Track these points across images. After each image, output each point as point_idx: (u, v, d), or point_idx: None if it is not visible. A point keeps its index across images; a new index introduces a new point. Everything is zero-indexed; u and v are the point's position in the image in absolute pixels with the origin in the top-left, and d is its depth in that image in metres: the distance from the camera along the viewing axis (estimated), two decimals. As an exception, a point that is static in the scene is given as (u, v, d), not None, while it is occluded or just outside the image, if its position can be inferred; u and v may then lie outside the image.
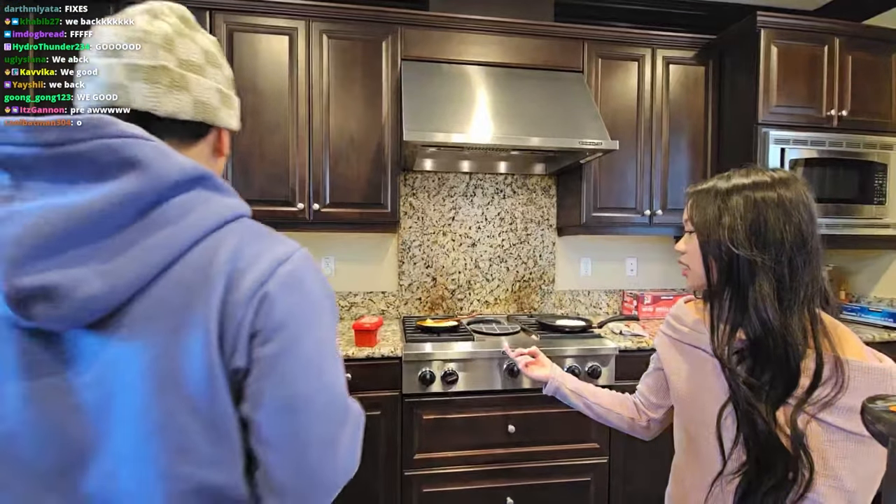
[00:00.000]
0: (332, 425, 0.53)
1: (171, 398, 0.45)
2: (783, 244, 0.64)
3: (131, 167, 0.45)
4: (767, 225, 0.64)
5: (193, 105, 0.55)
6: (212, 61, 0.58)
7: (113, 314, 0.45)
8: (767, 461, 0.62)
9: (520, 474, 1.70)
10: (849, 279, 2.46)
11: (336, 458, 0.54)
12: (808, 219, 0.65)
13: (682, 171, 2.18)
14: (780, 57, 2.00)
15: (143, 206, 0.45)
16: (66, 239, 0.42)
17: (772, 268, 0.63)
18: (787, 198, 0.64)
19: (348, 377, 1.64)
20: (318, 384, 0.52)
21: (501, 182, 2.37)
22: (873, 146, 2.10)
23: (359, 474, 1.77)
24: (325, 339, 0.55)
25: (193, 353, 0.45)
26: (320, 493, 0.54)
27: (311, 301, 0.54)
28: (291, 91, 1.86)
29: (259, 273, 0.49)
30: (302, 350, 0.51)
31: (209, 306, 0.46)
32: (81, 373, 0.45)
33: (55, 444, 0.45)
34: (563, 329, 1.88)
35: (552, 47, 2.05)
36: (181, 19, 0.56)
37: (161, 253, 0.45)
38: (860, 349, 0.63)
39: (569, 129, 1.84)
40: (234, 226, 0.52)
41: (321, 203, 1.89)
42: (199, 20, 1.95)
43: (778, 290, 0.63)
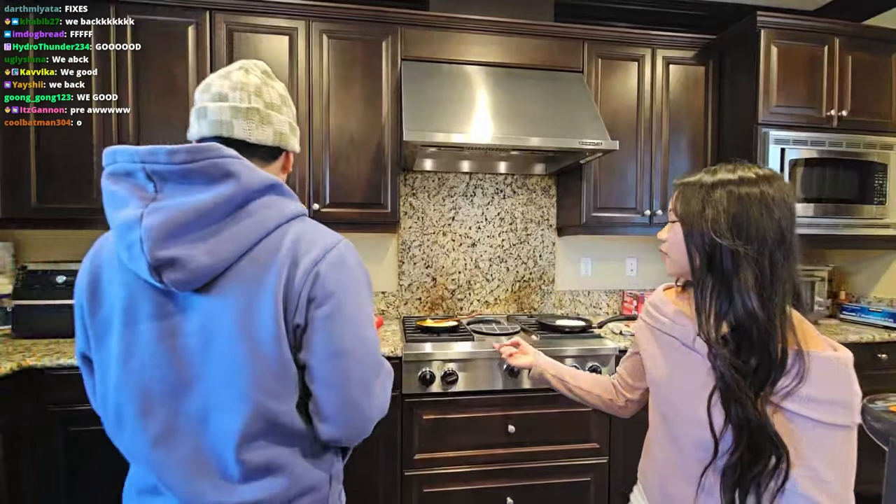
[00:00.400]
0: (367, 371, 0.71)
1: (249, 343, 0.64)
2: (765, 239, 0.65)
3: (229, 177, 0.63)
4: (750, 219, 0.66)
5: (274, 135, 0.76)
6: (285, 102, 0.80)
7: (212, 281, 0.64)
8: (758, 446, 0.63)
9: (520, 474, 1.70)
10: (849, 279, 2.46)
11: (371, 397, 0.72)
12: (789, 217, 0.67)
13: (682, 171, 2.18)
14: (780, 57, 2.01)
15: (236, 204, 0.64)
16: (187, 226, 0.61)
17: (755, 259, 0.65)
18: (770, 195, 0.66)
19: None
20: (357, 339, 0.69)
21: (501, 182, 2.37)
22: (873, 146, 2.10)
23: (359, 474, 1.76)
24: (363, 305, 0.72)
25: (264, 312, 0.64)
26: (357, 422, 0.71)
27: (352, 277, 0.71)
28: (291, 91, 1.85)
29: (314, 256, 0.67)
30: (345, 313, 0.68)
31: (278, 278, 0.64)
32: (190, 320, 0.65)
33: (170, 371, 0.65)
34: (563, 329, 1.88)
35: (552, 47, 2.05)
36: (264, 73, 0.77)
37: (246, 238, 0.64)
38: (820, 342, 0.65)
39: (569, 129, 1.84)
40: (295, 222, 0.70)
41: (321, 203, 1.89)
42: (199, 20, 1.95)
43: (760, 281, 0.65)
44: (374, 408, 0.73)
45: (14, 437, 1.42)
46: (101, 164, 1.89)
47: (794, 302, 0.69)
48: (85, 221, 1.78)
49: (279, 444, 0.68)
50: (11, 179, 1.70)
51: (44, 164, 1.72)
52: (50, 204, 1.73)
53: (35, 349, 1.57)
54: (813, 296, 2.21)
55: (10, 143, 1.70)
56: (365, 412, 0.72)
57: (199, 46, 1.79)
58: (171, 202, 0.61)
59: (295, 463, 0.70)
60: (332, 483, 0.78)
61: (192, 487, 0.66)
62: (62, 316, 1.72)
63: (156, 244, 0.60)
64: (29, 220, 1.75)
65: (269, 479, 0.68)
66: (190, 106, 0.75)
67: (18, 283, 1.73)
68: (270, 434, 0.67)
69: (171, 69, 1.78)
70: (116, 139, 1.76)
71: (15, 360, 1.43)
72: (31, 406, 1.46)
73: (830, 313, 2.36)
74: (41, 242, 2.03)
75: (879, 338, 1.99)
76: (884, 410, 1.37)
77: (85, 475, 1.50)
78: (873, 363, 1.99)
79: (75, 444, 1.49)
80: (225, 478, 0.67)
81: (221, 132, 0.71)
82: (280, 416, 0.67)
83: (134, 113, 1.76)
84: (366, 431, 0.74)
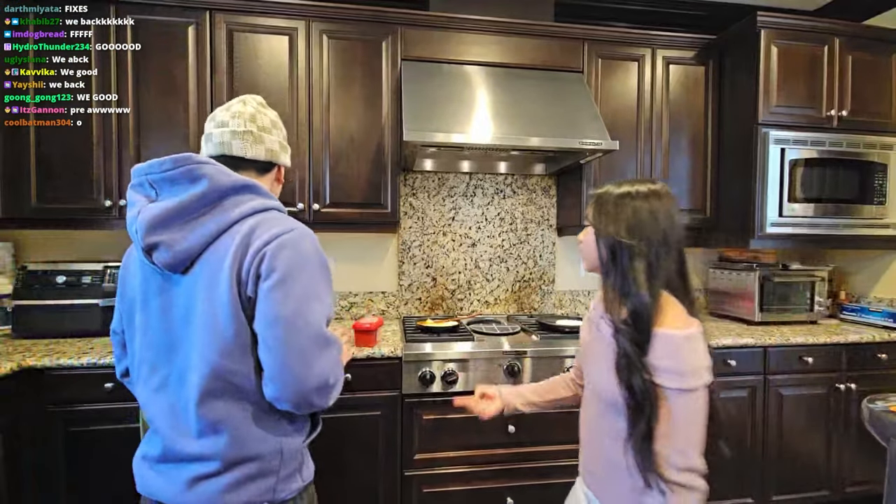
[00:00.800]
0: (306, 341, 0.78)
1: (211, 312, 0.78)
2: (651, 239, 0.84)
3: (201, 179, 0.79)
4: (642, 224, 0.85)
5: (265, 152, 0.94)
6: (276, 126, 0.98)
7: (191, 264, 0.80)
8: (640, 406, 0.80)
9: (520, 474, 1.70)
10: (849, 279, 2.46)
11: (308, 367, 0.78)
12: (670, 223, 0.86)
13: (682, 171, 2.18)
14: (780, 57, 2.01)
15: (211, 200, 0.80)
16: (171, 218, 0.78)
17: (645, 254, 0.84)
18: (657, 207, 0.86)
19: (348, 377, 1.64)
20: (297, 311, 0.78)
21: (501, 182, 2.37)
22: (873, 146, 2.10)
23: (359, 474, 1.76)
24: (308, 283, 0.81)
25: (222, 286, 0.77)
26: (294, 386, 0.78)
27: (300, 257, 0.81)
28: (291, 91, 1.86)
29: (264, 239, 0.79)
30: (287, 286, 0.78)
31: (232, 259, 0.77)
32: (178, 296, 0.81)
33: (166, 337, 0.83)
34: (563, 329, 1.88)
35: (552, 47, 2.05)
36: (259, 104, 0.96)
37: (216, 226, 0.79)
38: (674, 320, 0.82)
39: (569, 129, 1.84)
40: (263, 214, 0.84)
41: (321, 203, 1.89)
42: (199, 20, 1.94)
43: (647, 271, 0.83)
44: (312, 377, 0.79)
45: (14, 437, 1.42)
46: (101, 164, 1.89)
47: (678, 290, 0.86)
48: (85, 221, 1.78)
49: (232, 404, 0.80)
50: (11, 179, 1.70)
51: (44, 164, 1.72)
52: (50, 204, 1.73)
53: (35, 349, 1.57)
54: (813, 296, 2.21)
55: (10, 143, 1.70)
56: (301, 378, 0.78)
57: (199, 46, 1.79)
58: (162, 202, 0.79)
59: (242, 426, 0.80)
60: (284, 457, 0.85)
61: (170, 433, 0.81)
62: (62, 316, 1.72)
63: (146, 232, 0.78)
64: (29, 220, 1.75)
65: (215, 436, 0.79)
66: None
67: (18, 283, 1.73)
68: (226, 394, 0.79)
69: (171, 69, 1.78)
70: (116, 139, 1.76)
71: (15, 360, 1.43)
72: (31, 406, 1.46)
73: (831, 313, 2.36)
74: (41, 242, 2.03)
75: (879, 338, 1.99)
76: (884, 410, 1.36)
77: (85, 475, 1.50)
78: (873, 363, 1.99)
79: (75, 444, 1.49)
80: (188, 429, 0.80)
81: (223, 151, 0.89)
82: (233, 377, 0.79)
83: (134, 113, 1.76)
84: (305, 398, 0.79)
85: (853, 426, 1.98)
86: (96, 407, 1.49)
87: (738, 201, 2.11)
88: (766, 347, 1.90)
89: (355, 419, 1.61)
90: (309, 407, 0.82)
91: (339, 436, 1.60)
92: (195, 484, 0.79)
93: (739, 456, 1.90)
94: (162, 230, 0.78)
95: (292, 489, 0.86)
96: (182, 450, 0.80)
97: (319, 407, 0.84)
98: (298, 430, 0.89)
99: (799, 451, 1.95)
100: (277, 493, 0.83)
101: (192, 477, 0.79)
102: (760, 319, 2.16)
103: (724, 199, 2.20)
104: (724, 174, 2.19)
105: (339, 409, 1.60)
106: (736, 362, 1.87)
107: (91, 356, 1.50)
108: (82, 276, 1.76)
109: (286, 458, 0.85)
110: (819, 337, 1.95)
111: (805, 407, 1.95)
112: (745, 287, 2.23)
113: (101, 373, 1.48)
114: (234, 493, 0.80)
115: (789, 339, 1.91)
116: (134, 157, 1.76)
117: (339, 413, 1.61)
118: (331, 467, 1.61)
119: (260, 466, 0.82)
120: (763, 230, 2.02)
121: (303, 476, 0.89)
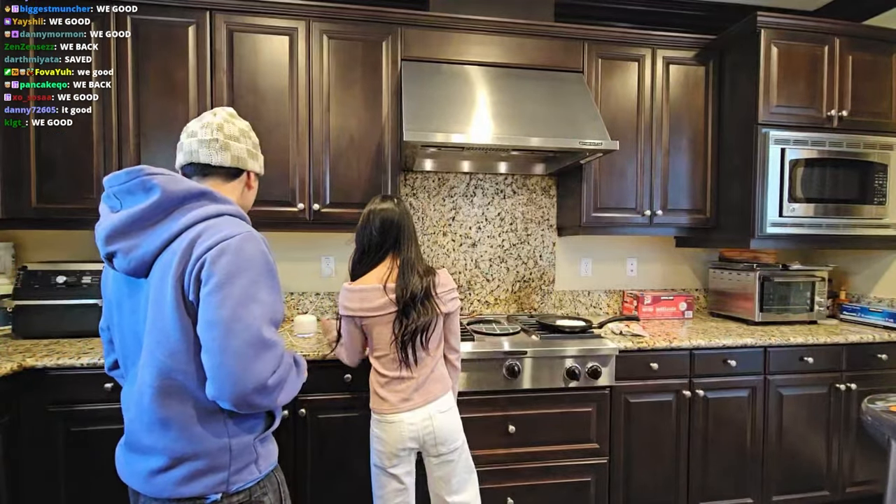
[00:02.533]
0: (242, 344, 0.81)
1: (160, 314, 0.83)
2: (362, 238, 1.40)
3: (153, 189, 0.85)
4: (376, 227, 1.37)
5: (231, 159, 1.00)
6: (244, 134, 1.04)
7: (150, 268, 0.85)
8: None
9: (520, 474, 1.70)
10: (849, 279, 2.46)
11: (246, 368, 0.81)
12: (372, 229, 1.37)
13: (682, 171, 2.18)
14: (781, 57, 2.01)
15: (165, 209, 0.85)
16: (126, 227, 0.84)
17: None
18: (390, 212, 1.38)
19: (347, 377, 1.64)
20: (235, 314, 0.81)
21: (502, 182, 2.37)
22: (873, 146, 2.10)
23: (359, 473, 1.75)
24: (247, 287, 0.83)
25: (168, 290, 0.82)
26: (231, 387, 0.81)
27: (241, 262, 0.83)
28: (291, 91, 1.86)
29: (207, 245, 0.82)
30: (225, 291, 0.81)
31: (177, 264, 0.82)
32: (142, 299, 0.87)
33: (134, 334, 0.89)
34: (564, 329, 1.88)
35: (552, 47, 2.05)
36: (230, 115, 1.03)
37: (167, 233, 0.84)
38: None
39: (569, 129, 1.84)
40: (215, 219, 0.87)
41: (321, 203, 1.89)
42: (199, 20, 1.94)
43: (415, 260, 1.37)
44: (250, 378, 0.81)
45: (14, 437, 1.42)
46: (101, 164, 1.89)
47: None
48: (85, 221, 1.77)
49: (180, 403, 0.85)
50: (11, 179, 1.70)
51: (44, 164, 1.72)
52: (50, 204, 1.73)
53: (35, 349, 1.57)
54: (813, 296, 2.21)
55: (10, 143, 1.70)
56: (237, 379, 0.80)
57: (199, 46, 1.79)
58: (123, 211, 0.86)
59: (189, 424, 0.85)
60: (234, 454, 0.88)
61: (133, 426, 0.89)
62: (62, 316, 1.72)
63: (104, 241, 0.86)
64: (29, 220, 1.75)
65: (164, 432, 0.85)
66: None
67: (18, 284, 1.73)
68: (174, 393, 0.84)
69: (171, 69, 1.78)
70: (116, 139, 1.76)
71: (15, 361, 1.43)
72: (31, 406, 1.46)
73: (831, 313, 2.36)
74: (41, 242, 2.03)
75: (879, 338, 1.99)
76: (884, 410, 1.36)
77: (85, 475, 1.50)
78: (873, 363, 1.99)
79: (75, 444, 1.49)
80: (144, 423, 0.86)
81: (191, 159, 0.97)
82: (180, 377, 0.84)
83: (134, 113, 1.76)
84: (244, 398, 0.82)
85: (853, 426, 1.98)
86: (96, 407, 1.49)
87: (738, 201, 2.11)
88: (767, 347, 1.90)
89: (356, 419, 1.61)
90: (249, 407, 0.84)
91: (340, 435, 1.61)
92: (152, 477, 0.85)
93: (739, 456, 1.90)
94: (119, 239, 0.84)
95: (247, 480, 0.90)
96: (139, 441, 0.87)
97: (263, 407, 0.87)
98: (249, 427, 0.91)
99: (799, 452, 1.95)
100: (231, 485, 0.87)
101: (149, 470, 0.86)
102: (761, 319, 2.16)
103: (724, 199, 2.20)
104: (725, 174, 2.19)
105: (339, 408, 1.61)
106: (736, 362, 1.87)
107: (91, 356, 1.50)
108: (82, 276, 1.76)
109: (236, 455, 0.88)
110: (819, 337, 1.95)
111: (805, 407, 1.95)
112: (745, 287, 2.23)
113: (102, 373, 1.46)
114: (186, 486, 0.84)
115: (789, 340, 1.91)
116: (134, 157, 1.76)
117: (340, 413, 1.61)
118: (331, 467, 1.61)
119: (209, 463, 0.86)
120: (763, 230, 2.02)
121: (259, 467, 0.92)
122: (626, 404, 1.80)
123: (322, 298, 2.25)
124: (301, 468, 1.59)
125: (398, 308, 1.28)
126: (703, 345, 1.85)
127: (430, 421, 1.31)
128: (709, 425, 1.87)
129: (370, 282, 1.31)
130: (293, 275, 2.23)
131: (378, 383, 1.34)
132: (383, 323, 1.30)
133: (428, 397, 1.33)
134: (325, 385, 1.59)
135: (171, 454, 0.84)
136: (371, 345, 1.36)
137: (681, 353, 1.84)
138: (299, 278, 2.24)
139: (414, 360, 1.30)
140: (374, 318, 1.30)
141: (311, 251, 2.25)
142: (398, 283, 1.29)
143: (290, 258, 2.22)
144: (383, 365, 1.33)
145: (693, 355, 1.85)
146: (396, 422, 1.30)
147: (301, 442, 1.59)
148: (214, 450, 0.86)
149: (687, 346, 1.84)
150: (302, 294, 2.24)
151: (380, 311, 1.29)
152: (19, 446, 1.43)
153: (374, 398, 1.35)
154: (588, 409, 1.75)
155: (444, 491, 1.36)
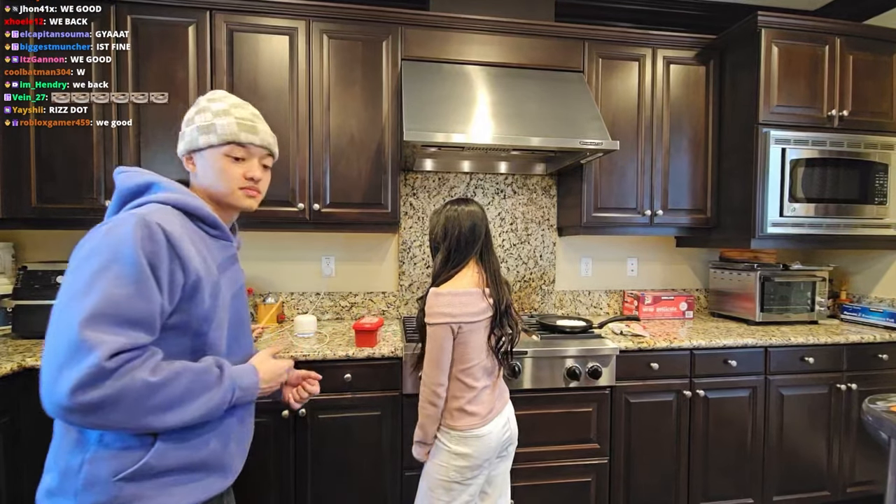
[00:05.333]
0: (60, 343, 0.68)
1: None
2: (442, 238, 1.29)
3: (116, 188, 0.87)
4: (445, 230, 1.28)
5: (183, 145, 0.94)
6: (200, 110, 0.94)
7: None
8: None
9: (520, 474, 1.70)
10: (849, 279, 2.46)
11: (59, 371, 0.66)
12: (461, 230, 1.27)
13: (682, 171, 2.18)
14: (781, 57, 2.00)
15: (118, 205, 0.87)
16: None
17: (447, 248, 1.27)
18: (477, 215, 1.29)
19: (347, 377, 1.64)
20: (57, 308, 0.71)
21: (502, 182, 2.37)
22: (874, 146, 2.09)
23: (360, 474, 1.76)
24: (81, 279, 0.71)
25: None
26: (44, 388, 0.68)
27: (89, 251, 0.74)
28: (292, 91, 1.86)
29: None
30: (67, 279, 0.73)
31: None
32: None
33: None
34: (564, 329, 1.88)
35: (552, 47, 2.04)
36: (204, 99, 0.95)
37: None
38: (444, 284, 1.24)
39: (569, 129, 1.83)
40: (137, 209, 0.81)
41: (321, 203, 1.89)
42: (199, 20, 1.94)
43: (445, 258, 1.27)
44: (61, 385, 0.66)
45: (14, 437, 1.42)
46: (101, 164, 1.89)
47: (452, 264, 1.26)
48: (85, 222, 1.77)
49: None
50: (11, 179, 1.70)
51: (44, 164, 1.72)
52: (50, 204, 1.73)
53: (35, 349, 1.56)
54: (814, 296, 2.21)
55: (10, 143, 1.70)
56: (49, 381, 0.67)
57: (199, 46, 1.79)
58: None
59: (59, 432, 0.78)
60: (84, 481, 0.73)
61: None
62: (62, 316, 1.72)
63: None
64: (29, 221, 1.75)
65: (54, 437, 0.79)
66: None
67: (18, 283, 1.73)
68: None
69: (171, 69, 1.78)
70: (116, 139, 1.76)
71: (15, 361, 1.43)
72: (31, 406, 1.46)
73: (831, 313, 2.36)
74: (41, 242, 2.03)
75: (880, 338, 1.98)
76: (884, 410, 1.36)
77: (85, 475, 1.49)
78: (874, 363, 1.99)
79: (75, 445, 1.49)
80: None
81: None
82: None
83: (134, 113, 1.76)
84: (58, 409, 0.67)
85: (854, 426, 1.98)
86: (96, 407, 1.49)
87: (738, 201, 2.11)
88: (767, 347, 1.90)
89: (356, 419, 1.61)
90: (69, 422, 0.70)
91: (340, 436, 1.60)
92: None
93: (740, 456, 1.90)
94: None
95: None
96: None
97: (87, 425, 0.70)
98: (111, 456, 0.74)
99: (800, 452, 1.95)
100: None
101: None
102: (761, 319, 2.16)
103: (724, 199, 2.20)
104: (725, 174, 2.19)
105: (340, 409, 1.61)
106: (737, 362, 1.87)
107: (91, 356, 1.49)
108: (82, 276, 1.76)
109: (85, 484, 0.73)
110: (820, 337, 1.95)
111: (806, 407, 1.95)
112: (745, 287, 2.23)
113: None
114: (43, 502, 0.76)
115: (790, 340, 1.91)
116: (134, 157, 1.76)
117: (341, 413, 1.61)
118: (332, 467, 1.61)
119: (60, 481, 0.75)
120: (764, 230, 2.02)
121: (102, 492, 0.73)
122: (626, 404, 1.80)
123: (322, 298, 2.25)
124: (301, 468, 1.59)
125: (493, 314, 1.24)
126: (704, 345, 1.85)
127: (509, 424, 1.29)
128: (709, 425, 1.87)
129: (465, 286, 1.23)
130: (293, 275, 2.23)
131: (463, 399, 1.22)
132: (480, 329, 1.23)
133: (504, 401, 1.31)
134: (325, 385, 1.58)
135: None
136: (458, 356, 1.22)
137: (681, 353, 1.84)
138: (299, 278, 2.24)
139: (507, 367, 1.30)
140: (474, 323, 1.21)
141: (312, 251, 2.25)
142: (492, 289, 1.25)
143: (290, 258, 2.22)
144: (471, 376, 1.22)
145: (693, 355, 1.85)
146: (485, 434, 1.22)
147: (301, 442, 1.59)
148: (64, 466, 0.75)
149: (687, 346, 1.84)
150: (302, 294, 2.24)
151: (479, 316, 1.22)
152: (19, 446, 1.43)
153: (456, 416, 1.22)
154: (588, 409, 1.75)
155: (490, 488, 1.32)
